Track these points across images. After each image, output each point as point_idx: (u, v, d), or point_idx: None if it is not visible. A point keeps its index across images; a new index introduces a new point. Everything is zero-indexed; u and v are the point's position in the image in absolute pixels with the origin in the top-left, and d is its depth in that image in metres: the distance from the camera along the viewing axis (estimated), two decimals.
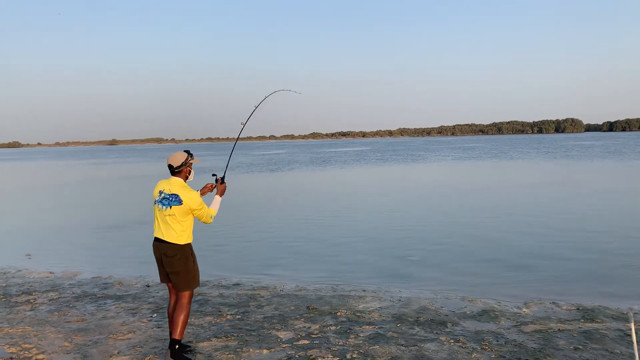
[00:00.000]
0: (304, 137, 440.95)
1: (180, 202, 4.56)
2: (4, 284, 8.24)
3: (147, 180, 32.95)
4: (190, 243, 4.78)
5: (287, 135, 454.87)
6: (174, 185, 4.66)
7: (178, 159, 4.70)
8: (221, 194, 5.10)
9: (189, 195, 4.60)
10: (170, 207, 4.58)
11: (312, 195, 22.27)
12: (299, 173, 36.40)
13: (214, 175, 5.25)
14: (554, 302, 6.70)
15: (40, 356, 5.00)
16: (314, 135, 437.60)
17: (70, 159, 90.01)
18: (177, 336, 4.68)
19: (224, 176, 5.25)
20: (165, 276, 4.80)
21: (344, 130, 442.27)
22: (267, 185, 28.23)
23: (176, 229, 4.62)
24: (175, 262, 4.64)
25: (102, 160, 75.23)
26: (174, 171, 4.72)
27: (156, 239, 4.74)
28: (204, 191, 5.19)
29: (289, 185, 27.69)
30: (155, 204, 4.71)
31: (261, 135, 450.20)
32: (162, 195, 4.65)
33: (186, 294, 4.74)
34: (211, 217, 4.79)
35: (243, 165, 47.46)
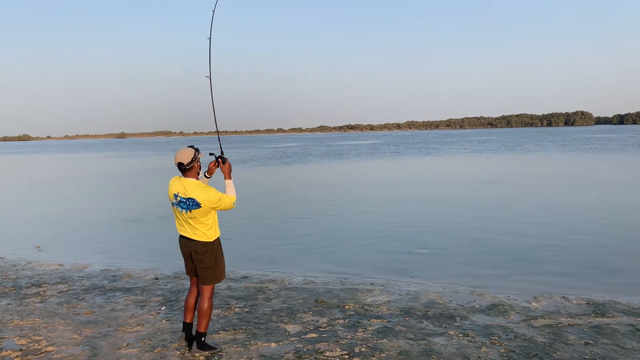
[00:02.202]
0: (312, 130, 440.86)
1: (198, 205, 4.48)
2: (14, 276, 8.29)
3: (160, 174, 33.10)
4: (218, 237, 4.76)
5: (295, 129, 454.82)
6: (188, 187, 4.52)
7: (187, 155, 4.53)
8: (229, 175, 4.89)
9: (206, 195, 4.48)
10: (190, 210, 4.51)
11: (322, 188, 22.22)
12: (312, 166, 36.33)
13: (211, 154, 4.98)
14: (564, 297, 6.65)
15: (50, 348, 5.03)
16: (322, 128, 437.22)
17: (82, 151, 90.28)
18: (202, 329, 4.75)
19: (222, 153, 4.97)
20: (192, 270, 4.81)
21: (352, 123, 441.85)
22: (280, 178, 28.24)
23: (202, 229, 4.59)
24: (206, 259, 4.64)
25: (116, 153, 75.56)
26: (185, 169, 4.56)
27: (183, 237, 4.71)
28: (210, 172, 4.97)
29: (301, 179, 27.67)
30: (172, 205, 4.65)
31: (269, 128, 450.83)
32: (178, 198, 4.55)
33: (210, 287, 4.75)
34: (233, 203, 4.68)
35: (257, 158, 47.45)
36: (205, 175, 4.98)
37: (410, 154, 48.75)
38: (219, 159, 4.90)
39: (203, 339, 4.79)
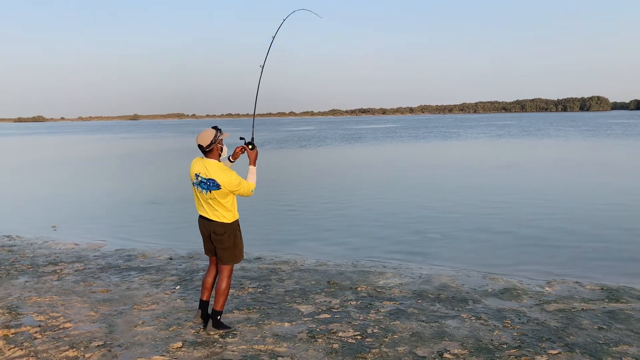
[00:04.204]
0: (324, 113, 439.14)
1: (218, 186, 4.53)
2: (32, 255, 8.43)
3: (178, 155, 33.26)
4: (237, 219, 4.81)
5: (306, 112, 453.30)
6: (210, 168, 4.56)
7: (207, 137, 4.56)
8: (254, 161, 4.93)
9: (226, 178, 4.52)
10: (210, 191, 4.57)
11: (338, 171, 22.17)
12: (331, 150, 36.12)
13: (242, 138, 5.01)
14: (577, 282, 6.62)
15: (67, 325, 5.12)
16: (334, 112, 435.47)
17: (100, 133, 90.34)
18: (218, 307, 4.83)
19: (252, 140, 5.03)
20: (210, 250, 4.89)
21: (364, 107, 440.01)
22: (297, 161, 28.26)
23: (221, 210, 4.65)
24: (225, 239, 4.71)
25: (134, 135, 76.01)
26: (204, 150, 4.62)
27: (202, 217, 4.78)
28: (235, 156, 5.04)
29: (318, 162, 27.66)
30: (193, 185, 4.71)
31: (281, 111, 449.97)
32: (199, 178, 4.60)
33: (228, 267, 4.83)
34: (252, 190, 4.73)
35: (274, 141, 47.30)
36: (229, 159, 5.03)
37: (430, 138, 48.42)
38: (247, 145, 4.93)
39: (219, 317, 4.87)
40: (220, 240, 4.71)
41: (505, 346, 4.51)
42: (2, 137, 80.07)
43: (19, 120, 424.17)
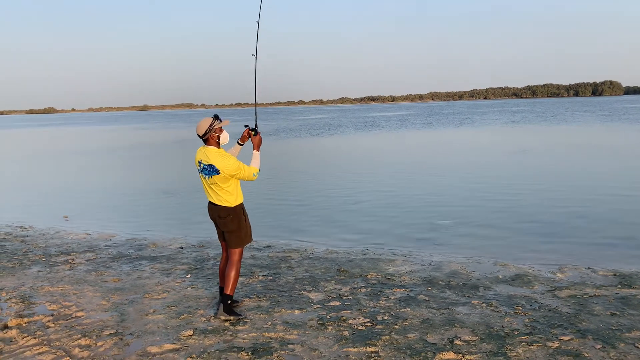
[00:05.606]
0: (333, 102, 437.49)
1: (217, 171, 4.69)
2: (44, 245, 8.50)
3: (190, 145, 33.33)
4: (241, 203, 4.96)
5: (315, 100, 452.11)
6: (209, 154, 4.73)
7: (202, 127, 4.74)
8: (257, 147, 5.10)
9: (224, 163, 4.68)
10: (211, 176, 4.74)
11: (350, 159, 22.13)
12: (343, 138, 35.86)
13: (246, 126, 5.21)
14: (589, 268, 6.57)
15: (80, 313, 5.17)
16: (343, 100, 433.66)
17: (112, 124, 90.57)
18: (229, 292, 4.93)
19: (255, 126, 5.21)
20: (221, 235, 5.07)
21: (373, 95, 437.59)
22: (309, 149, 28.22)
23: (223, 195, 4.81)
24: (228, 222, 4.87)
25: (146, 125, 76.37)
26: (203, 139, 4.81)
27: (210, 203, 4.95)
28: (243, 139, 5.21)
29: (329, 150, 27.57)
30: (199, 172, 4.89)
31: (290, 100, 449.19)
32: (202, 165, 4.79)
33: (236, 251, 4.95)
34: (254, 174, 4.88)
35: (286, 130, 47.19)
36: (238, 142, 5.24)
37: (444, 125, 47.95)
38: (251, 131, 5.12)
39: (229, 301, 4.96)
40: (225, 224, 4.87)
41: (516, 332, 4.48)
42: (15, 129, 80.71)
43: (31, 112, 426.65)
